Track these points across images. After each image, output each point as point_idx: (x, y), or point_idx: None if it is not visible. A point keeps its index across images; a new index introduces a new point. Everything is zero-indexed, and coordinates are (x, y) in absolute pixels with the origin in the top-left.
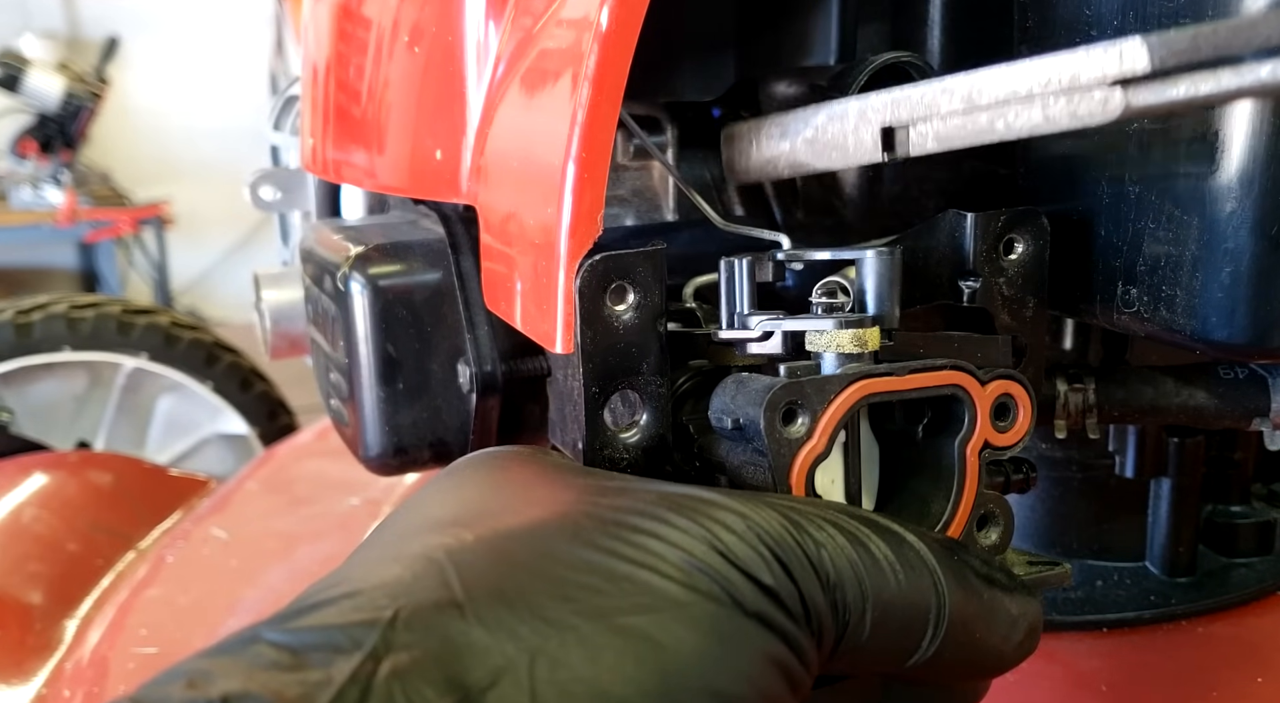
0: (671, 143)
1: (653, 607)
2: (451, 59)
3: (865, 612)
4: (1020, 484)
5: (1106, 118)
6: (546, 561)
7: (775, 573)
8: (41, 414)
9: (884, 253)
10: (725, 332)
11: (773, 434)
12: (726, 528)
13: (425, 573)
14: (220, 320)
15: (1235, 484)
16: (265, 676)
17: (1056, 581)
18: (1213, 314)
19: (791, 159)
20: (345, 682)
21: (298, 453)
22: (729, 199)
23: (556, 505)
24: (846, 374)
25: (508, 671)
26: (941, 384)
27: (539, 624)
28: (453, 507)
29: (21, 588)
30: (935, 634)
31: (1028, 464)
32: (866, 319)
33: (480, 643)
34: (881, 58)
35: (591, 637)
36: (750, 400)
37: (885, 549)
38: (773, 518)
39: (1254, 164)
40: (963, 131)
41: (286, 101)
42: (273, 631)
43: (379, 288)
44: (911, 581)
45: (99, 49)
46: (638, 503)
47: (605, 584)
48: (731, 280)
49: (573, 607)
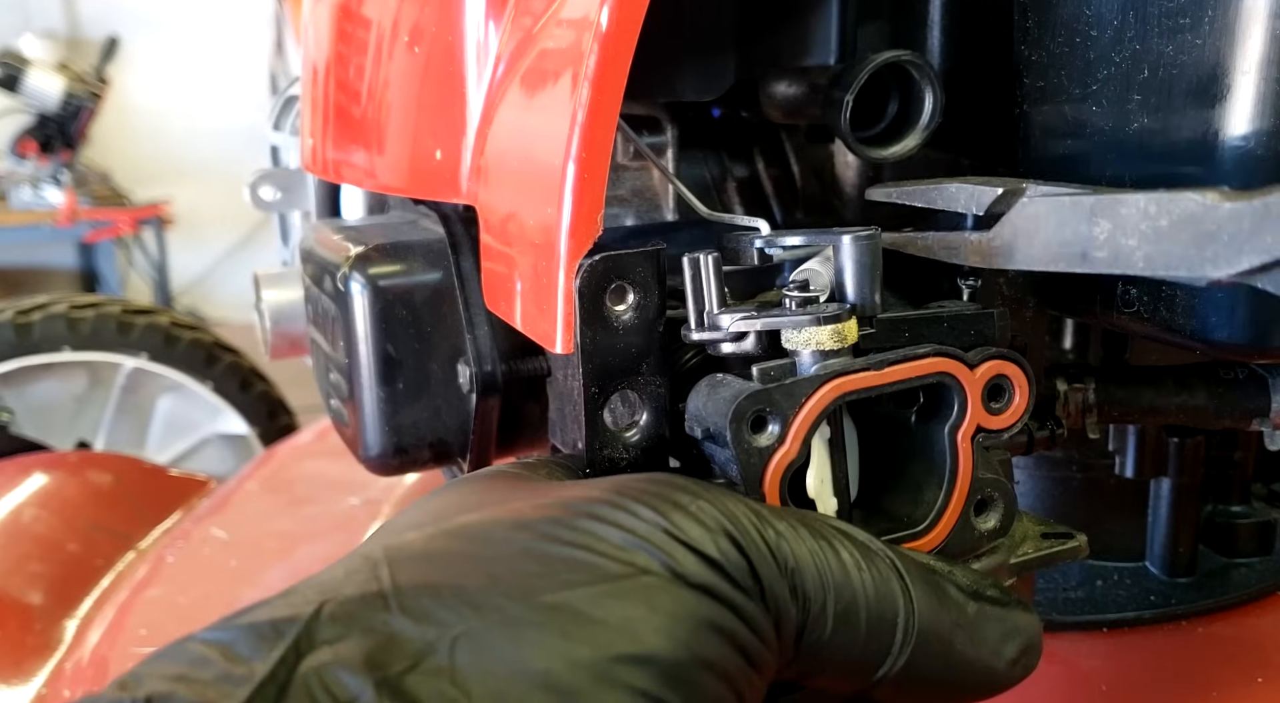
0: (671, 143)
1: (583, 583)
2: (451, 59)
3: (826, 604)
4: (1045, 442)
5: None
6: (481, 549)
7: (722, 546)
8: (41, 414)
9: (862, 236)
10: (696, 333)
11: (740, 444)
12: (678, 508)
13: (358, 569)
14: (220, 320)
15: (1235, 484)
16: (192, 674)
17: (1070, 555)
18: (1213, 314)
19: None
20: (266, 675)
21: (298, 453)
22: (729, 198)
23: (510, 503)
24: (818, 376)
25: (427, 654)
26: (925, 374)
27: (464, 609)
28: (416, 516)
29: (21, 588)
30: (905, 641)
31: (1053, 420)
32: (844, 311)
33: (402, 631)
34: (882, 57)
35: (516, 616)
36: (717, 410)
37: (851, 549)
38: (733, 503)
39: (1254, 164)
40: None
41: (286, 101)
42: (207, 631)
43: (379, 288)
44: (877, 582)
45: (99, 49)
46: (592, 492)
47: (537, 566)
48: (697, 278)
49: (500, 589)
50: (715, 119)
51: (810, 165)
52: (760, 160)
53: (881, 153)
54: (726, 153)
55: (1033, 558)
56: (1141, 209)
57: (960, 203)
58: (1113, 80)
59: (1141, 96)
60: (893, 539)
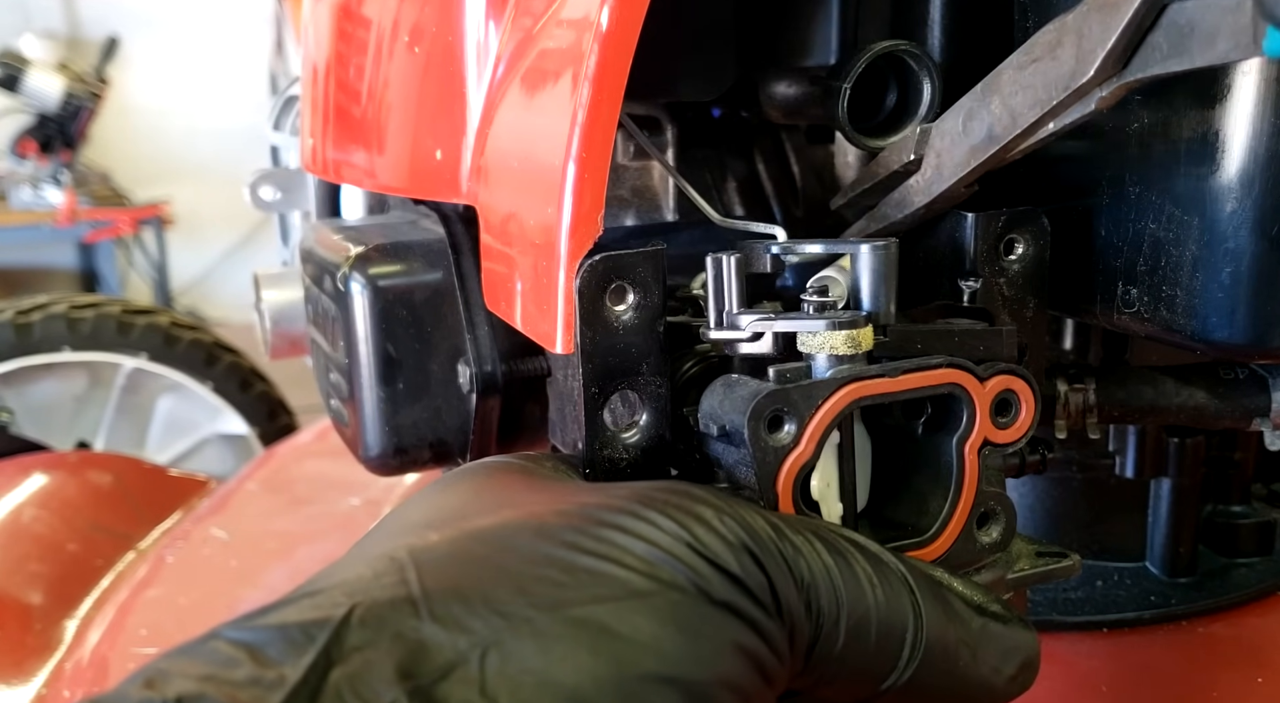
0: (671, 143)
1: (611, 597)
2: (451, 59)
3: (840, 619)
4: (1036, 466)
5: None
6: (507, 556)
7: (744, 563)
8: (41, 414)
9: (879, 246)
10: (715, 332)
11: (757, 443)
12: (699, 521)
13: (385, 571)
14: (220, 320)
15: (1235, 484)
16: (221, 675)
17: (1064, 573)
18: (1213, 314)
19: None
20: (299, 681)
21: (298, 453)
22: (729, 198)
23: (528, 506)
24: (835, 379)
25: (458, 664)
26: (937, 384)
27: (493, 618)
28: (430, 511)
29: (21, 588)
30: (913, 656)
31: (1044, 445)
32: (860, 318)
33: (433, 638)
34: (879, 46)
35: (545, 628)
36: (735, 408)
37: (864, 564)
38: (752, 516)
39: (1254, 164)
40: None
41: (286, 101)
42: (233, 629)
43: (379, 288)
44: (889, 597)
45: (99, 49)
46: (611, 500)
47: (564, 577)
48: (720, 278)
49: (528, 600)
50: (715, 119)
51: (810, 165)
52: (760, 160)
53: (880, 143)
54: (726, 153)
55: (1029, 574)
56: (1014, 65)
57: (894, 158)
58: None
59: (1142, 96)
60: (897, 547)
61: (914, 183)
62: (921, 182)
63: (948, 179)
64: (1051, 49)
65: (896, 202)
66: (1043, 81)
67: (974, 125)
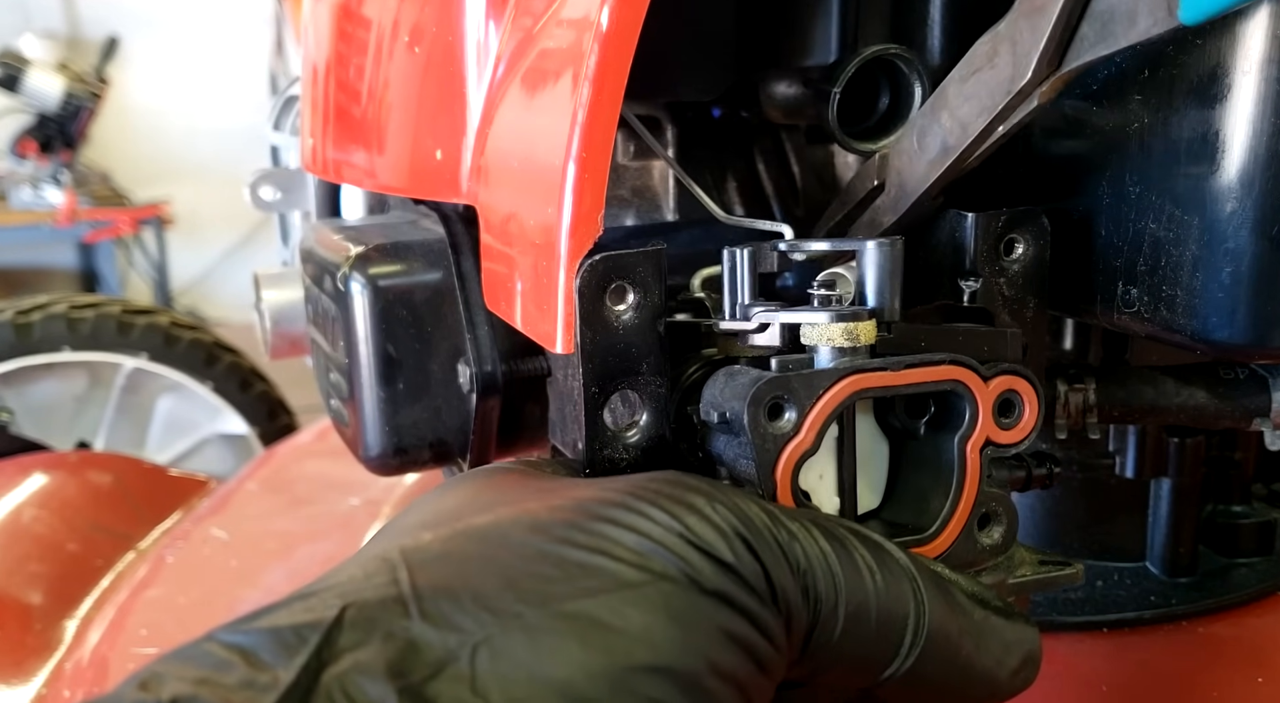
0: (672, 143)
1: (601, 590)
2: (451, 59)
3: (838, 605)
4: (1042, 479)
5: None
6: (499, 553)
7: (736, 550)
8: (41, 414)
9: (884, 244)
10: (727, 322)
11: (757, 429)
12: (692, 510)
13: (377, 572)
14: (220, 320)
15: (1235, 484)
16: (215, 677)
17: (1066, 580)
18: (1213, 314)
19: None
20: (291, 682)
21: (298, 453)
22: (729, 199)
23: (523, 503)
24: (837, 369)
25: (449, 662)
26: (939, 380)
27: (483, 615)
28: (427, 514)
29: (21, 588)
30: (914, 644)
31: (1050, 459)
32: (862, 312)
33: (423, 637)
34: (869, 50)
35: (535, 623)
36: (736, 394)
37: (863, 551)
38: (746, 503)
39: (1254, 164)
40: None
41: (286, 101)
42: (226, 633)
43: (379, 288)
44: (889, 584)
45: (99, 49)
46: (604, 493)
47: (555, 571)
48: (734, 270)
49: (518, 595)
50: (715, 119)
51: (810, 165)
52: (760, 160)
53: (871, 146)
54: (727, 153)
55: (1030, 580)
56: (957, 78)
57: (860, 186)
58: (1113, 80)
59: (1142, 96)
60: (898, 543)
61: (881, 203)
62: (887, 201)
63: (911, 195)
64: (989, 58)
65: (867, 224)
66: (986, 90)
67: (928, 141)
